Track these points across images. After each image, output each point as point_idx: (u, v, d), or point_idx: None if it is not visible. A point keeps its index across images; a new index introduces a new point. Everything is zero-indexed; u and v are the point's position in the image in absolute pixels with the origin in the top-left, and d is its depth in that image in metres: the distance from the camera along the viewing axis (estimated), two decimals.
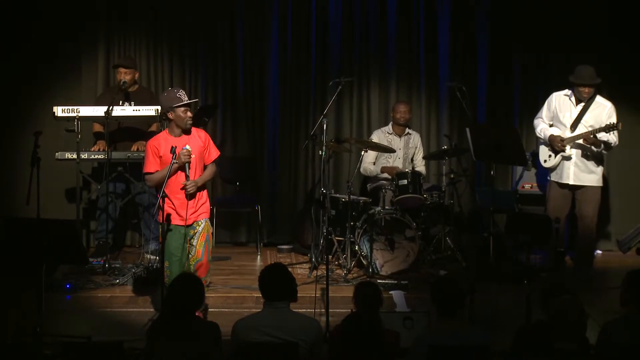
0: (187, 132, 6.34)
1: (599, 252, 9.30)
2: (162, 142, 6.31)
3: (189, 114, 6.30)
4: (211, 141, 6.53)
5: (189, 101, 6.31)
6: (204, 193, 6.44)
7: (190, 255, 6.33)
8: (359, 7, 9.37)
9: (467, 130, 7.77)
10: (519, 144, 7.57)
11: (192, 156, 6.28)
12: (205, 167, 6.46)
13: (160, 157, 6.28)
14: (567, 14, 9.30)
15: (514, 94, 9.46)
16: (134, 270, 7.67)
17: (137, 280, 7.48)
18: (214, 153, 6.52)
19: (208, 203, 6.48)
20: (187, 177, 6.25)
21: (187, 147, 6.25)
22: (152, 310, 6.76)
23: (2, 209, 8.68)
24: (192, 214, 6.32)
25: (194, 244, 6.33)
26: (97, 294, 7.37)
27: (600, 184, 7.94)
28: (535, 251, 7.88)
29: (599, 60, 9.18)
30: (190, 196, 6.28)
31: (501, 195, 8.75)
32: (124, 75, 8.30)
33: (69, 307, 7.03)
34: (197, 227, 6.34)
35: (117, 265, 7.92)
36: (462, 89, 8.45)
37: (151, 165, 6.31)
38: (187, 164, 6.23)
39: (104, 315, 6.87)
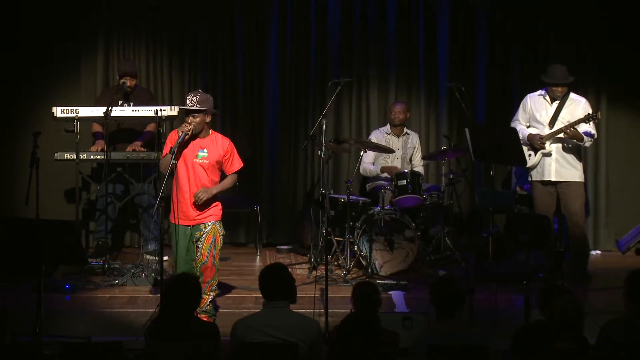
0: (199, 135, 6.29)
1: (598, 252, 9.31)
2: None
3: (189, 119, 6.21)
4: (235, 152, 6.46)
5: (186, 107, 6.21)
6: (216, 199, 6.41)
7: (197, 258, 6.30)
8: (359, 7, 9.37)
9: (467, 130, 7.77)
10: (518, 144, 7.57)
11: (206, 155, 6.26)
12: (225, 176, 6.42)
13: None
14: (567, 14, 9.31)
15: (513, 94, 9.45)
16: (133, 271, 7.67)
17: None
18: (237, 164, 6.46)
19: (219, 206, 6.42)
20: (177, 144, 6.14)
21: (182, 131, 6.18)
22: (151, 310, 6.75)
23: (2, 209, 8.69)
24: (197, 216, 6.30)
25: (200, 246, 6.30)
26: (96, 294, 7.37)
27: (582, 179, 7.99)
28: (535, 251, 7.87)
29: (599, 59, 9.19)
30: (199, 201, 6.23)
31: (500, 196, 8.75)
32: (129, 82, 8.30)
33: (68, 307, 7.03)
34: (203, 229, 6.30)
35: (117, 266, 7.92)
36: (461, 89, 8.45)
37: (164, 151, 6.31)
38: (183, 134, 6.15)
39: (103, 316, 6.87)
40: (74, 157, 7.90)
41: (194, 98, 6.20)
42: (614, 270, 8.24)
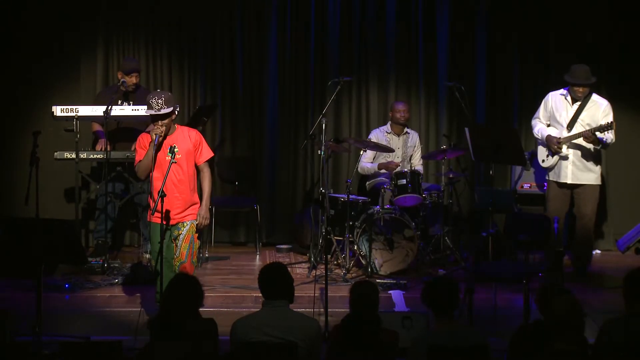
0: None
1: (597, 252, 9.30)
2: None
3: (159, 122, 6.19)
4: (204, 142, 6.45)
5: (156, 113, 6.15)
6: (194, 196, 6.41)
7: (175, 256, 6.32)
8: (358, 7, 9.36)
9: (466, 130, 7.77)
10: (518, 144, 7.56)
11: (177, 151, 6.24)
12: (197, 167, 6.41)
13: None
14: (567, 13, 9.31)
15: (513, 93, 9.46)
16: (126, 271, 7.69)
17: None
18: (206, 154, 6.43)
19: (197, 205, 6.42)
20: (154, 147, 6.17)
21: (156, 134, 6.18)
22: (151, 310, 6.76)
23: (2, 209, 8.69)
24: (176, 214, 6.31)
25: (178, 245, 6.32)
26: (96, 293, 7.37)
27: (599, 182, 7.95)
28: (534, 251, 7.89)
29: (599, 59, 9.19)
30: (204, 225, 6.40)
31: (500, 195, 8.75)
32: (135, 79, 8.30)
33: (68, 306, 7.03)
34: (182, 229, 6.32)
35: (116, 265, 7.92)
36: (461, 89, 8.45)
37: (138, 157, 6.34)
38: (157, 137, 6.15)
39: (102, 315, 6.87)
40: (73, 156, 7.90)
41: (160, 100, 6.14)
42: (614, 270, 8.25)
